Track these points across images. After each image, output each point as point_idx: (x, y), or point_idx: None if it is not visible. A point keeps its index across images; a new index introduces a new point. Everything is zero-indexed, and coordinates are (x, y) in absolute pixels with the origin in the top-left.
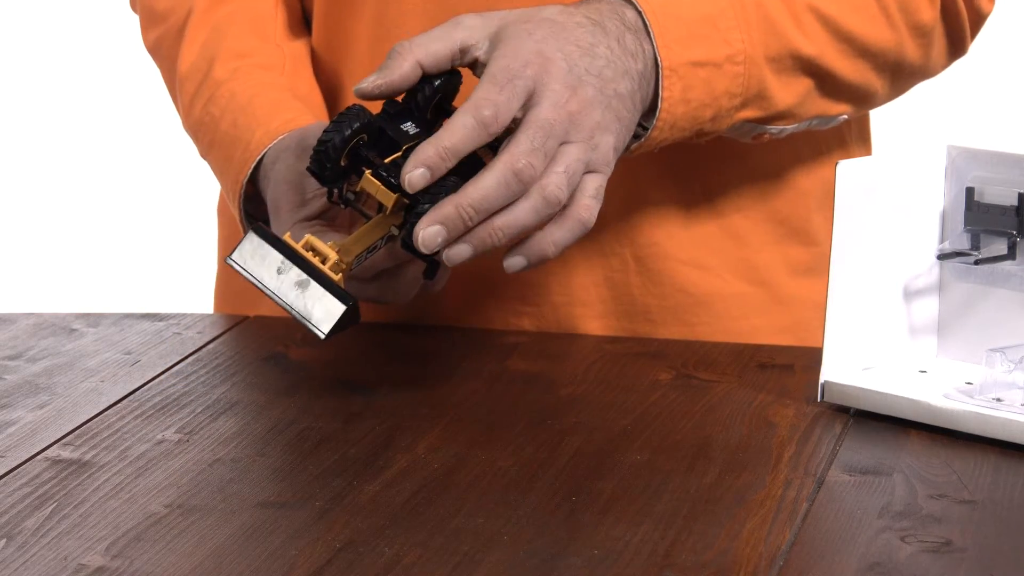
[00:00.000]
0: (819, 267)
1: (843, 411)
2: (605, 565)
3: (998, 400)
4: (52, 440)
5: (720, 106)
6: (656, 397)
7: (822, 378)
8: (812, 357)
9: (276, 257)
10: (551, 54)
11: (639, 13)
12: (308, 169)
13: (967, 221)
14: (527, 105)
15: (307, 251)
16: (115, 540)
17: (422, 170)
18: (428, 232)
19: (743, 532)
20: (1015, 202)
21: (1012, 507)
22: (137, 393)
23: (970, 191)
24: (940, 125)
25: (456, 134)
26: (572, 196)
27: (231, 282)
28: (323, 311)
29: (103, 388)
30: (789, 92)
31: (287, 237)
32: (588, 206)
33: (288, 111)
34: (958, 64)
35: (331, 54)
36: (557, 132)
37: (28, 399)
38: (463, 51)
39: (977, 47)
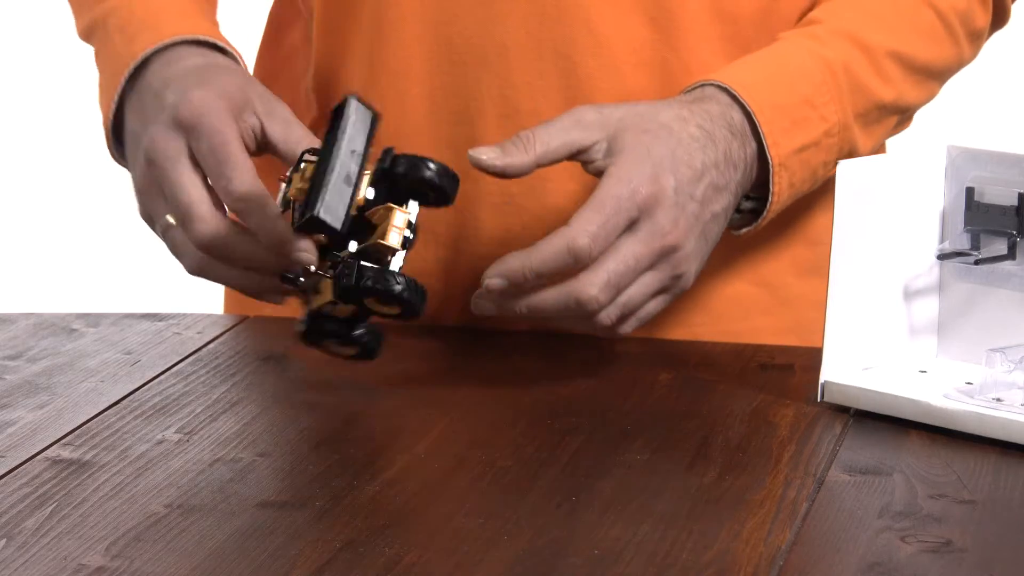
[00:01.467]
0: (823, 267)
1: (843, 411)
2: (605, 565)
3: (998, 400)
4: (52, 440)
5: (817, 176)
6: (656, 397)
7: (822, 378)
8: (812, 357)
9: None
10: (664, 181)
11: (745, 114)
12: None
13: (967, 221)
14: (626, 229)
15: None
16: (115, 540)
17: (500, 280)
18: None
19: (743, 532)
20: (1015, 202)
21: (1012, 507)
22: (137, 393)
23: (970, 191)
24: (940, 125)
25: (546, 258)
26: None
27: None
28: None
29: (103, 388)
30: (873, 138)
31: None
32: (628, 326)
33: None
34: None
35: (329, 53)
36: (643, 266)
37: (28, 399)
38: (580, 151)
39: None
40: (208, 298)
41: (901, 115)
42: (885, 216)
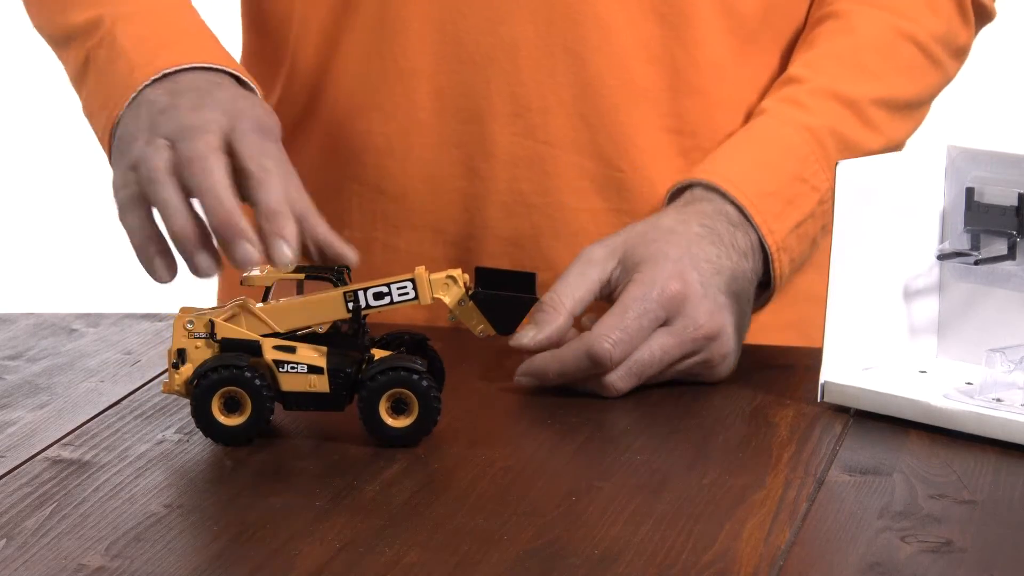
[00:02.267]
0: (824, 262)
1: (843, 411)
2: (605, 565)
3: (998, 400)
4: (52, 440)
5: (816, 239)
6: (656, 397)
7: (822, 378)
8: (812, 357)
9: None
10: (689, 276)
11: (738, 208)
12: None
13: (967, 221)
14: (660, 327)
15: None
16: (115, 540)
17: (528, 379)
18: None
19: (743, 532)
20: (1015, 202)
21: (1012, 507)
22: (137, 393)
23: (970, 191)
24: (940, 125)
25: (567, 361)
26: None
27: (230, 284)
28: None
29: (103, 388)
30: None
31: None
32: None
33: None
34: None
35: (323, 50)
36: (672, 357)
37: (28, 399)
38: (602, 287)
39: (977, 48)
40: (208, 298)
41: (893, 150)
42: (885, 216)
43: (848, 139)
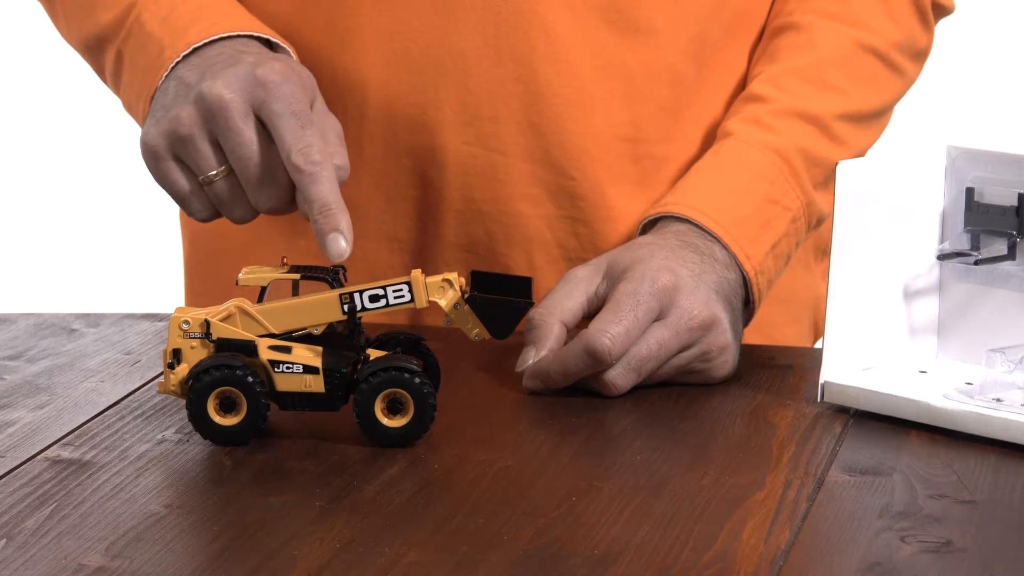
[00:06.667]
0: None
1: (843, 411)
2: (605, 565)
3: (998, 400)
4: (52, 440)
5: (791, 255)
6: (656, 397)
7: (822, 378)
8: (812, 357)
9: None
10: (679, 270)
11: (713, 236)
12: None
13: (967, 221)
14: (654, 321)
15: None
16: (115, 540)
17: (536, 381)
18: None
19: (743, 532)
20: (1015, 202)
21: (1012, 507)
22: (137, 393)
23: (970, 191)
24: (940, 125)
25: (567, 361)
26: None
27: (194, 284)
28: None
29: (103, 388)
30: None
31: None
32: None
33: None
34: (958, 64)
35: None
36: (669, 349)
37: (28, 399)
38: (590, 301)
39: (977, 47)
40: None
41: (863, 155)
42: (885, 216)
43: (816, 156)
